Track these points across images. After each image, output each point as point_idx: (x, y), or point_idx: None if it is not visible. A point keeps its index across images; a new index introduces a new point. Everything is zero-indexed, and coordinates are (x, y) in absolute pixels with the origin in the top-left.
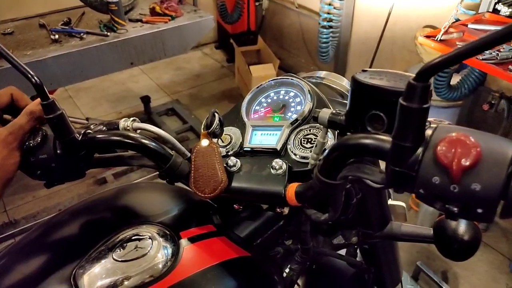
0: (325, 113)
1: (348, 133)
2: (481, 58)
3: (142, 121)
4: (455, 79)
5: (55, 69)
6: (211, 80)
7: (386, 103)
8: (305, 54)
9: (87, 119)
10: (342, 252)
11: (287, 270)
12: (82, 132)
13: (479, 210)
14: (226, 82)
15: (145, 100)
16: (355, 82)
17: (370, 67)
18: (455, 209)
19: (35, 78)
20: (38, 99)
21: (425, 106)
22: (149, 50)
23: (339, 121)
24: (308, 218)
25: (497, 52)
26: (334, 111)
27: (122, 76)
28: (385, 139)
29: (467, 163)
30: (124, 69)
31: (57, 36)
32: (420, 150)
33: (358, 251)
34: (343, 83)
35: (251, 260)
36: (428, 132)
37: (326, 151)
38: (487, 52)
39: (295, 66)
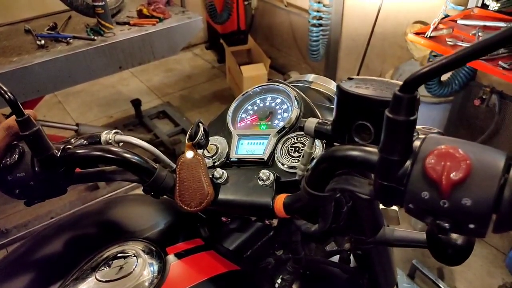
0: (311, 123)
1: (335, 144)
2: None
3: (133, 125)
4: (445, 75)
5: (42, 76)
6: (202, 81)
7: (373, 113)
8: (296, 52)
9: (77, 124)
10: (336, 258)
11: (279, 280)
12: (61, 147)
13: (471, 226)
14: (218, 83)
15: (136, 103)
16: (340, 92)
17: (361, 64)
18: (446, 224)
19: (9, 94)
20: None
21: (412, 118)
22: (138, 53)
23: (326, 130)
24: (298, 229)
25: None
26: (320, 121)
27: (112, 80)
28: (372, 151)
29: (457, 177)
30: (112, 73)
31: (43, 42)
32: (408, 163)
33: (351, 256)
34: (331, 87)
35: (241, 273)
36: (416, 143)
37: (313, 163)
38: None
39: (286, 65)
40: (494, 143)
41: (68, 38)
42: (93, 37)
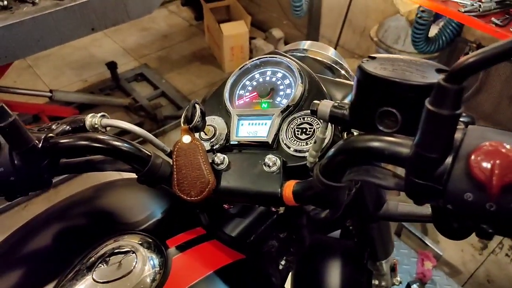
0: (325, 106)
1: (354, 131)
2: (463, 11)
3: (110, 89)
4: (432, 31)
5: (8, 40)
6: (179, 41)
7: (401, 99)
8: (277, 8)
9: (50, 91)
10: (337, 233)
11: (282, 262)
12: (43, 137)
13: None
14: (196, 42)
15: (112, 66)
16: (363, 74)
17: (344, 20)
18: (491, 230)
19: None
20: None
21: (457, 112)
22: (111, 13)
23: (343, 116)
24: (307, 214)
25: (479, 3)
26: (335, 104)
27: (84, 41)
28: (403, 143)
29: (508, 179)
30: (85, 36)
31: (5, 2)
32: (448, 160)
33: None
34: (329, 54)
35: (246, 262)
36: (457, 136)
37: (331, 152)
38: (468, 3)
39: (267, 22)
40: (478, 100)
41: None
42: None
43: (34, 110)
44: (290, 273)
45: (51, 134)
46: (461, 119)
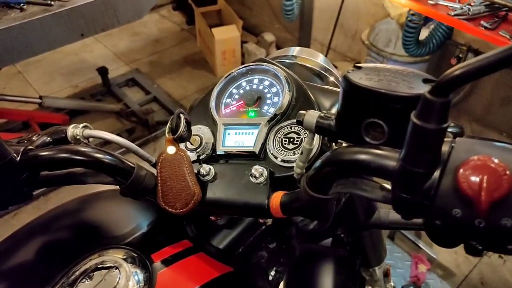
0: (311, 117)
1: (341, 142)
2: (452, 14)
3: (101, 95)
4: (423, 34)
5: None
6: (171, 45)
7: (388, 110)
8: (269, 12)
9: (40, 97)
10: (328, 241)
11: (272, 273)
12: (21, 150)
13: (509, 247)
14: (188, 46)
15: (102, 71)
16: (348, 84)
17: (335, 23)
18: (480, 247)
19: None
20: None
21: (444, 126)
22: (100, 18)
23: (329, 126)
24: (295, 225)
25: (469, 6)
26: (322, 114)
27: (74, 46)
28: (390, 156)
29: (497, 195)
30: (74, 42)
31: None
32: (436, 174)
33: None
34: (318, 60)
35: (234, 275)
36: (444, 149)
37: (317, 164)
38: (458, 7)
39: (258, 26)
40: (469, 103)
41: (22, 4)
42: (49, 1)
43: (23, 117)
44: (281, 284)
45: (30, 147)
46: (449, 129)
